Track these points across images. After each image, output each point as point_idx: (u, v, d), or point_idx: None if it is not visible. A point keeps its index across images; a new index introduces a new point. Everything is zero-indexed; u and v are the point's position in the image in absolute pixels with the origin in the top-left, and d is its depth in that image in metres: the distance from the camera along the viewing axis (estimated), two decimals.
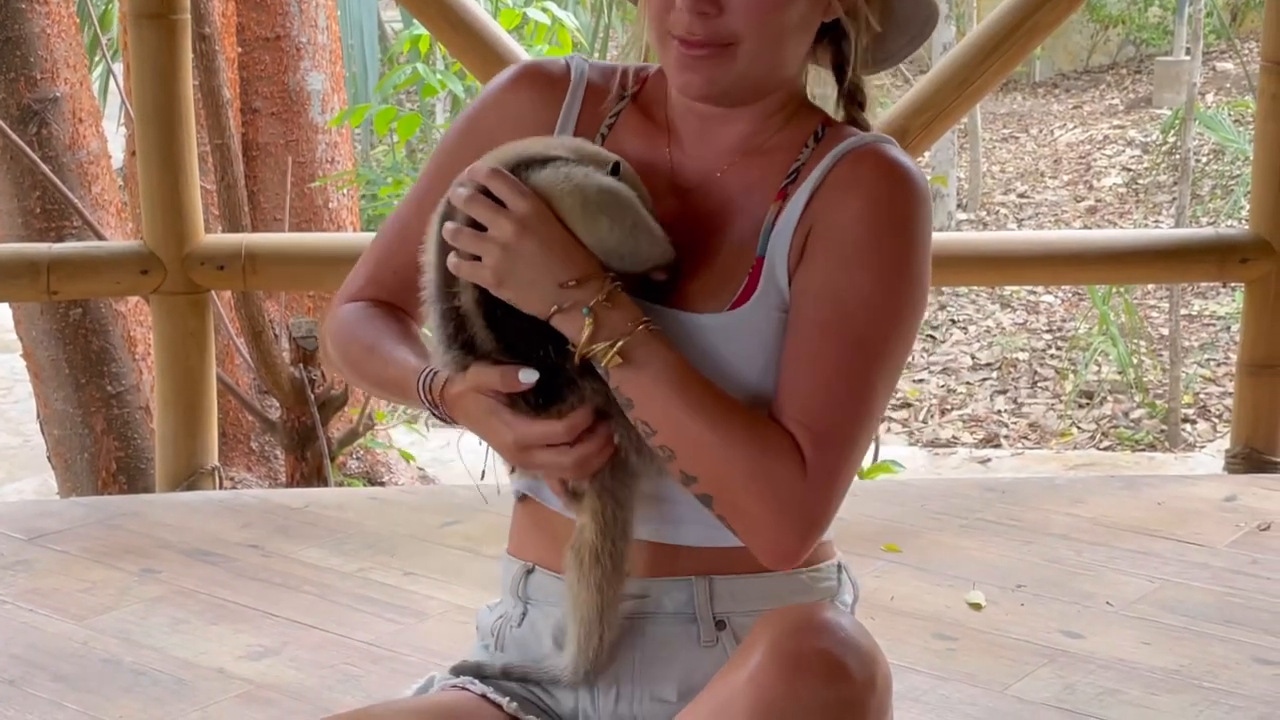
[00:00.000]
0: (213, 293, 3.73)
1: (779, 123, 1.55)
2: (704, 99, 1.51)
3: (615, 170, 1.47)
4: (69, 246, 3.95)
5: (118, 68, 5.63)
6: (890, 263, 1.47)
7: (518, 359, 1.44)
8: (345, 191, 5.54)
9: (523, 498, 1.63)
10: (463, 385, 1.48)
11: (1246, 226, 3.83)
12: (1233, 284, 7.13)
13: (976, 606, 2.79)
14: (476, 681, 1.61)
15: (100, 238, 4.43)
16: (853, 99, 1.57)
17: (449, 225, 1.44)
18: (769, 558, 1.44)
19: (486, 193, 1.43)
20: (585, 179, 1.45)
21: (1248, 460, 3.73)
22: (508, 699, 1.57)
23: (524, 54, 3.56)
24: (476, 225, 1.43)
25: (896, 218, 1.47)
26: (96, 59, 6.85)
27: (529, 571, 1.61)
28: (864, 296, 1.45)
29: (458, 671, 1.64)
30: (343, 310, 1.66)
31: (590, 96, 1.60)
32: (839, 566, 1.63)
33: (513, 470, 1.59)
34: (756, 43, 1.47)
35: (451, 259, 1.44)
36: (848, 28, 1.53)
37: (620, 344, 1.41)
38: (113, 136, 5.46)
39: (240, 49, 5.33)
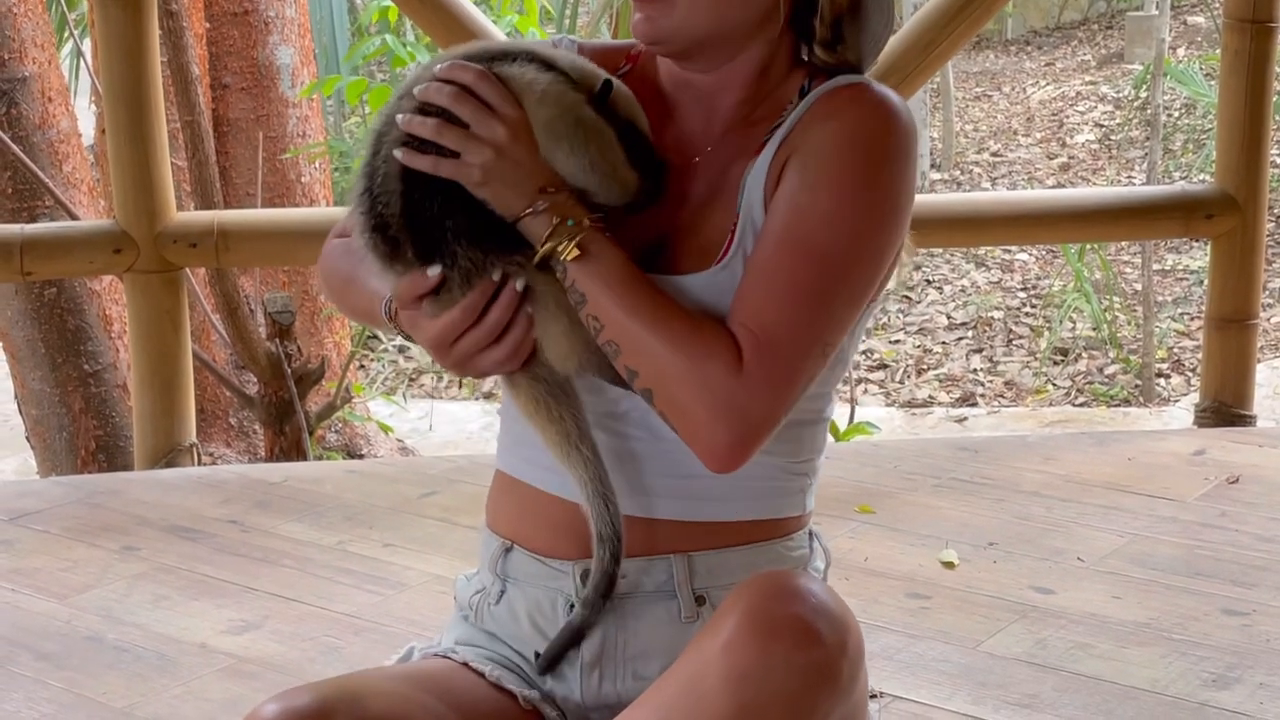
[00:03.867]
0: (187, 270, 3.74)
1: (768, 89, 1.57)
2: (651, 43, 1.54)
3: (606, 88, 1.49)
4: (42, 227, 3.95)
5: (86, 46, 5.61)
6: (856, 182, 1.48)
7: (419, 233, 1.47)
8: (317, 165, 5.54)
9: (500, 472, 1.66)
10: (397, 304, 1.52)
11: (1212, 182, 3.86)
12: (1201, 239, 7.18)
13: (949, 565, 2.83)
14: (458, 650, 1.63)
15: (73, 217, 4.43)
16: (829, 43, 1.56)
17: (422, 120, 1.45)
18: (705, 456, 1.45)
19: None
20: (560, 97, 1.48)
21: (1217, 414, 3.78)
22: (490, 667, 1.60)
23: (490, 25, 3.56)
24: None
25: (868, 140, 1.49)
26: (65, 37, 6.82)
27: (507, 550, 1.63)
28: (825, 212, 1.47)
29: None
30: (330, 244, 1.70)
31: None
32: (810, 534, 1.67)
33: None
34: None
35: (429, 160, 1.45)
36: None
37: (579, 238, 1.45)
38: (84, 115, 5.45)
39: (208, 24, 5.31)
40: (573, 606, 1.58)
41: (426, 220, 1.46)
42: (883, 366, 7.36)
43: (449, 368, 1.52)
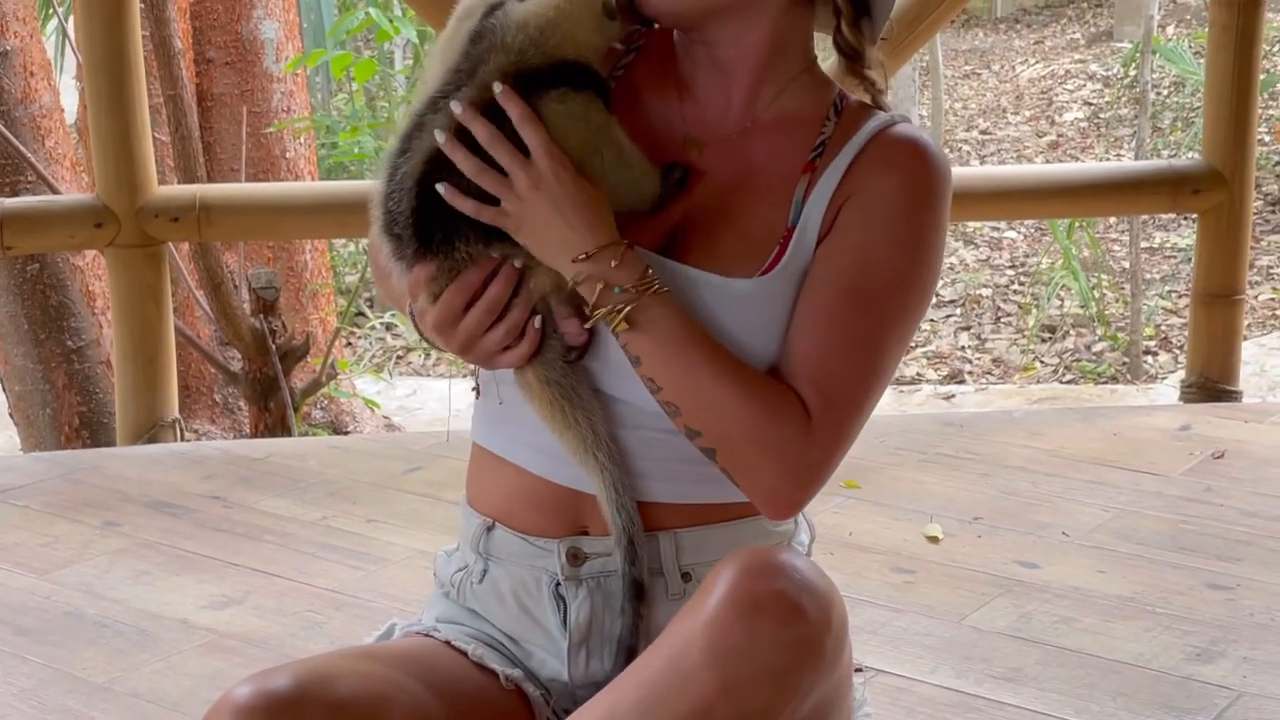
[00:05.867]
0: (170, 245, 3.72)
1: (791, 88, 1.56)
2: (660, 13, 1.52)
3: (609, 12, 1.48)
4: (22, 201, 3.92)
5: (70, 24, 5.57)
6: (919, 240, 1.51)
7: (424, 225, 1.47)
8: (302, 140, 5.51)
9: (481, 448, 1.64)
10: (409, 298, 1.52)
11: (1200, 157, 3.85)
12: (1188, 215, 7.18)
13: (934, 539, 2.82)
14: (440, 628, 1.62)
15: (55, 191, 4.41)
16: (851, 57, 1.58)
17: (465, 156, 1.43)
18: (770, 509, 1.49)
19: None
20: (584, 129, 1.46)
21: (1203, 389, 3.77)
22: (473, 645, 1.58)
23: None
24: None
25: (930, 198, 1.51)
26: (49, 14, 6.78)
27: (489, 528, 1.61)
28: (894, 269, 1.49)
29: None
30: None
31: None
32: None
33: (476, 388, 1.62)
34: None
35: (472, 204, 1.44)
36: None
37: (626, 310, 1.44)
38: (68, 92, 5.42)
39: None
40: (558, 584, 1.56)
41: (431, 218, 1.46)
42: None
43: (456, 351, 1.50)
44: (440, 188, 1.44)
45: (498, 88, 1.44)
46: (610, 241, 1.45)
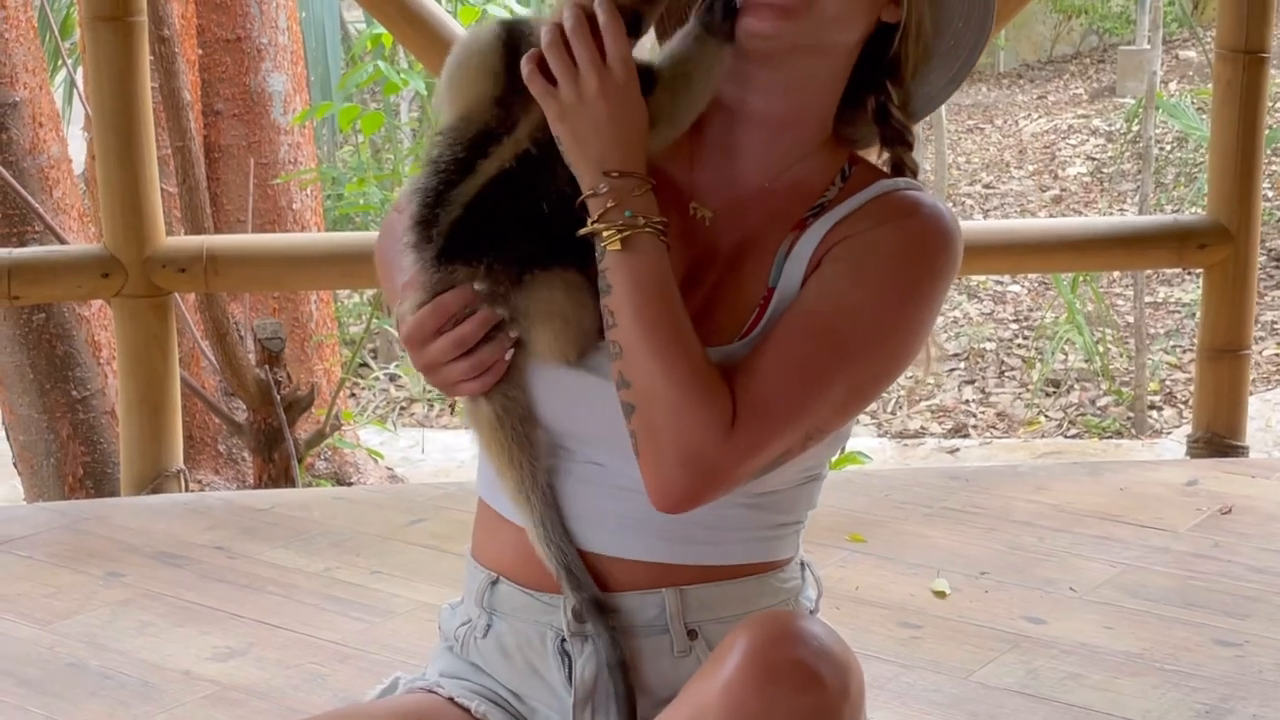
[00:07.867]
0: (176, 295, 3.72)
1: (809, 159, 1.55)
2: (767, 36, 1.46)
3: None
4: (30, 251, 3.94)
5: (79, 75, 5.61)
6: (897, 287, 1.47)
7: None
8: (308, 192, 5.54)
9: (485, 503, 1.64)
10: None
11: (1205, 212, 3.86)
12: (1193, 270, 7.18)
13: (941, 594, 2.81)
14: (443, 684, 1.61)
15: (62, 242, 4.42)
16: (900, 139, 1.56)
17: (549, 28, 1.41)
18: (655, 492, 1.43)
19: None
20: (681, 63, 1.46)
21: (1209, 445, 3.77)
22: (476, 702, 1.57)
23: None
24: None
25: (923, 252, 1.48)
26: (58, 65, 6.83)
27: (494, 582, 1.59)
28: (856, 305, 1.45)
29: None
30: (388, 219, 1.67)
31: None
32: (802, 564, 1.64)
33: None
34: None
35: (531, 68, 1.42)
36: (898, 48, 1.53)
37: (628, 233, 1.42)
38: (76, 142, 5.45)
39: (201, 51, 5.31)
40: (564, 640, 1.55)
41: (467, 235, 1.45)
42: None
43: (420, 369, 1.50)
44: (525, 61, 1.41)
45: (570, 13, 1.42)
46: (643, 173, 1.44)
